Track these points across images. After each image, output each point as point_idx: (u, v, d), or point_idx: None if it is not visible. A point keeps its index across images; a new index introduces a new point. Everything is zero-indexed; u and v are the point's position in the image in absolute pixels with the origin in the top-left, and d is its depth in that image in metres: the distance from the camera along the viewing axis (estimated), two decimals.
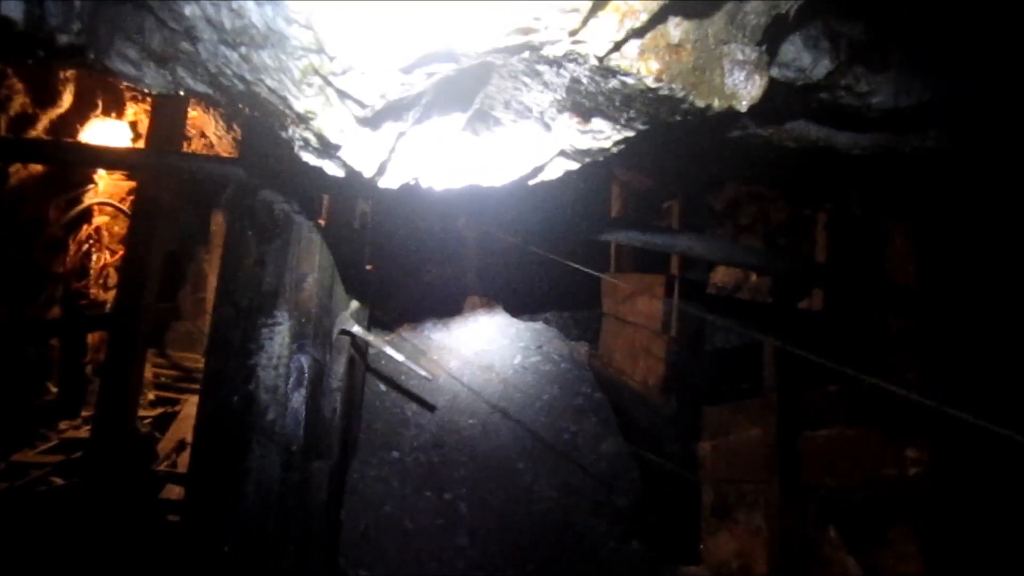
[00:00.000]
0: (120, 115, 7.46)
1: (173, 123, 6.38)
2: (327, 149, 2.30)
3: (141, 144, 7.01)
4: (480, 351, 7.49)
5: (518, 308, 8.01)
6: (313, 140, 2.31)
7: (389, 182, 2.41)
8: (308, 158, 2.46)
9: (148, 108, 6.96)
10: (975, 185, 4.03)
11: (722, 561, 5.54)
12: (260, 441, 4.04)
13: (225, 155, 8.16)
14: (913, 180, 4.09)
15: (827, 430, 4.84)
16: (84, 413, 7.35)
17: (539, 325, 7.83)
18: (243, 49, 2.15)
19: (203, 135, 8.13)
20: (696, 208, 6.83)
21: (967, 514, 3.94)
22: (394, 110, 2.10)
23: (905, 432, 4.28)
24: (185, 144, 7.83)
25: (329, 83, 2.00)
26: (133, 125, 7.58)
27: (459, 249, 9.12)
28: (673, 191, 6.92)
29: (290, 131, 2.40)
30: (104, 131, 7.16)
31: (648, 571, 5.66)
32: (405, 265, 8.54)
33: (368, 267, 7.44)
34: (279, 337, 4.22)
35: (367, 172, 2.28)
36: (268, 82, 2.18)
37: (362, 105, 2.02)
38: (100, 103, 7.14)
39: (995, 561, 3.82)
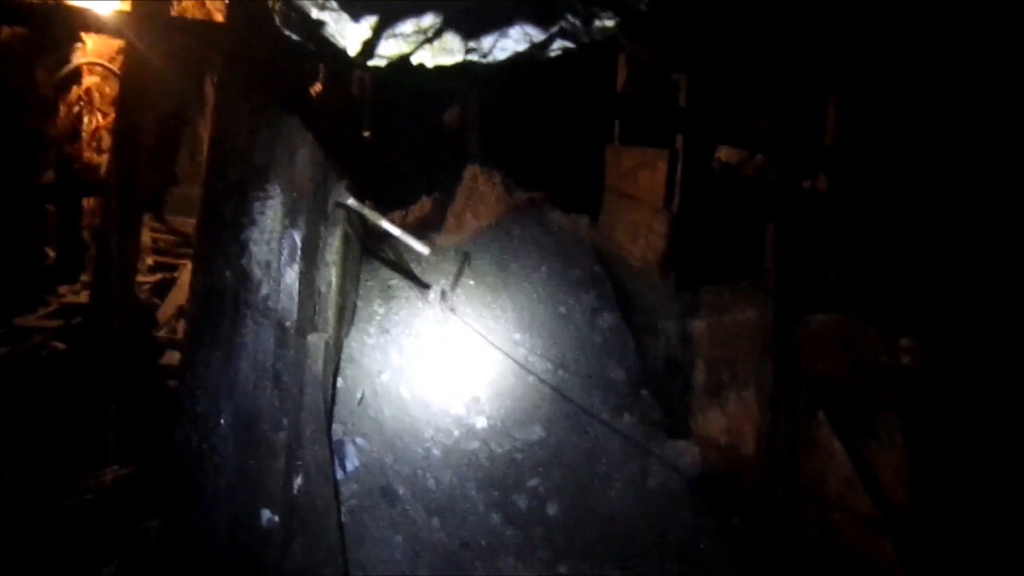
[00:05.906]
0: None
1: None
2: (308, 25, 2.17)
3: None
4: (480, 222, 7.43)
5: (520, 180, 7.88)
6: (294, 16, 2.18)
7: (377, 60, 2.28)
8: (291, 33, 2.33)
9: None
10: None
11: (711, 437, 5.65)
12: (254, 317, 4.04)
13: (216, 13, 7.84)
14: None
15: (822, 316, 4.83)
16: (83, 278, 7.35)
17: (540, 196, 7.72)
18: None
19: None
20: (704, 81, 6.60)
21: (955, 405, 3.97)
22: None
23: (899, 320, 4.27)
24: (175, 1, 7.52)
25: None
26: None
27: (462, 119, 8.90)
28: (681, 63, 6.67)
29: (271, 3, 2.26)
30: None
31: (638, 443, 5.78)
32: (405, 135, 8.35)
33: (366, 134, 7.29)
34: (271, 211, 4.14)
35: (352, 50, 2.15)
36: None
37: None
38: None
39: (978, 453, 3.87)
